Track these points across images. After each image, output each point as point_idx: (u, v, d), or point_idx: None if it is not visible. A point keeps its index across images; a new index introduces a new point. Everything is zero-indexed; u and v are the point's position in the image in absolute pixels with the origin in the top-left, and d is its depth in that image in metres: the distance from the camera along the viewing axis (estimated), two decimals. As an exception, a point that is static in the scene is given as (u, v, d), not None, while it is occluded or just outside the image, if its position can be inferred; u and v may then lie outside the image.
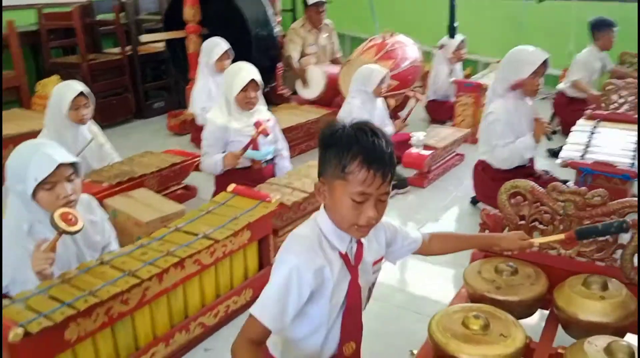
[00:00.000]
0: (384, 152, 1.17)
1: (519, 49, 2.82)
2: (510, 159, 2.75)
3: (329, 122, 1.28)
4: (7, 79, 4.58)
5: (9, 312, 1.51)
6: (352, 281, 1.30)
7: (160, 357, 1.87)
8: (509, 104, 2.76)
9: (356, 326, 1.36)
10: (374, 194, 1.18)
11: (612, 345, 1.32)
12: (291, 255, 1.24)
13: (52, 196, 1.75)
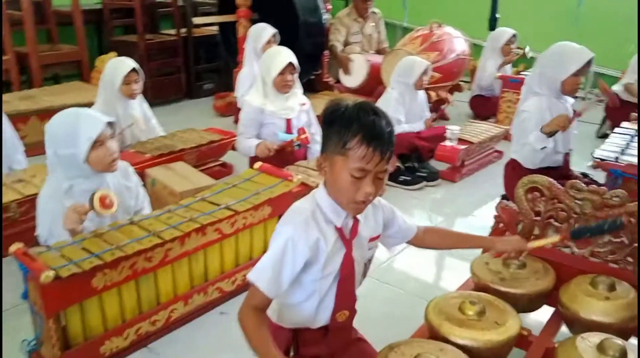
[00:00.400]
0: (383, 130, 1.23)
1: (562, 45, 2.70)
2: (530, 157, 2.66)
3: (332, 100, 1.33)
4: (69, 53, 4.92)
5: (44, 258, 1.68)
6: (346, 254, 1.37)
7: (178, 314, 2.02)
8: (543, 103, 2.66)
9: (349, 296, 1.43)
10: (373, 171, 1.23)
11: (604, 342, 1.34)
12: (288, 226, 1.32)
13: (101, 153, 1.92)
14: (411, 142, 3.53)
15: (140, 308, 1.92)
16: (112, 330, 1.83)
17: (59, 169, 1.95)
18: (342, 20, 4.87)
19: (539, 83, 2.70)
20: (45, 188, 1.99)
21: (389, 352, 1.35)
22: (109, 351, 1.83)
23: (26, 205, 2.48)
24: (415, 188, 3.32)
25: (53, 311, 1.66)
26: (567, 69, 2.60)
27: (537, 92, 2.70)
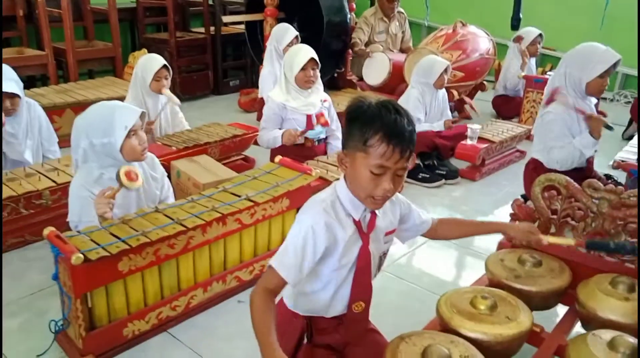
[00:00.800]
0: (404, 129, 1.25)
1: (588, 45, 2.68)
2: (569, 160, 2.64)
3: (356, 97, 1.36)
4: (104, 49, 5.09)
5: (74, 241, 1.78)
6: (362, 246, 1.41)
7: (198, 300, 2.10)
8: (569, 103, 2.67)
9: (365, 287, 1.47)
10: (392, 168, 1.27)
11: (615, 339, 1.35)
12: (308, 215, 1.37)
13: (135, 142, 2.03)
14: (431, 140, 3.55)
15: (161, 294, 2.00)
16: (134, 313, 1.92)
17: (93, 159, 2.05)
18: (367, 19, 4.91)
19: (563, 84, 2.69)
20: (77, 177, 2.09)
21: (400, 342, 1.38)
22: (132, 333, 1.92)
23: (58, 193, 2.60)
24: (434, 186, 3.35)
25: (81, 292, 1.75)
26: (593, 70, 2.58)
27: (562, 93, 2.68)
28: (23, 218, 2.56)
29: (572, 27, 5.52)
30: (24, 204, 2.53)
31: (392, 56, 4.62)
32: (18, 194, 2.49)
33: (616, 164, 2.36)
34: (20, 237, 2.60)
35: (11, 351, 1.92)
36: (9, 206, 2.49)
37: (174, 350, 1.94)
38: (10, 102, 2.72)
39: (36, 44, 5.11)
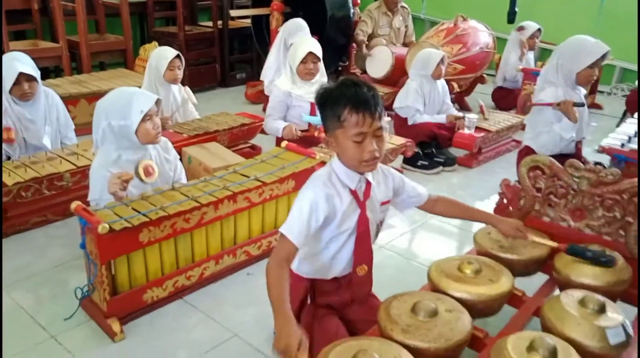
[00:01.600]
0: (366, 96, 1.43)
1: (579, 38, 2.84)
2: (551, 144, 2.82)
3: (320, 86, 1.54)
4: (116, 42, 5.26)
5: (99, 214, 1.95)
6: (361, 214, 1.58)
7: (210, 271, 2.27)
8: (559, 93, 2.82)
9: (366, 251, 1.64)
10: (369, 131, 1.44)
11: (586, 297, 1.50)
12: (310, 189, 1.54)
13: (149, 126, 2.18)
14: (431, 130, 3.72)
15: (177, 264, 2.18)
16: (153, 281, 2.09)
17: (111, 140, 2.20)
18: (370, 12, 5.05)
19: (555, 74, 2.85)
20: (97, 159, 2.25)
21: (393, 299, 1.55)
22: (150, 299, 2.09)
23: (78, 175, 2.78)
24: (432, 173, 3.51)
25: (106, 260, 1.93)
26: (583, 61, 2.75)
27: (553, 83, 2.85)
28: (45, 198, 2.74)
29: (570, 22, 5.65)
30: (46, 186, 2.70)
31: (394, 49, 4.75)
32: (41, 176, 2.66)
33: (601, 149, 2.52)
34: (42, 216, 2.78)
35: (40, 316, 2.09)
36: (32, 187, 2.66)
37: (189, 315, 2.12)
38: (28, 85, 2.84)
39: (50, 36, 5.28)
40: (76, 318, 2.07)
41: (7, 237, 2.65)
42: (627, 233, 1.77)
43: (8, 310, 2.12)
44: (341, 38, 5.10)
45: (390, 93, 4.44)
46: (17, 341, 1.95)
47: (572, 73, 2.80)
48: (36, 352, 1.91)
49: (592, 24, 5.34)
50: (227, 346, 1.96)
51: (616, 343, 1.36)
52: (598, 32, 5.13)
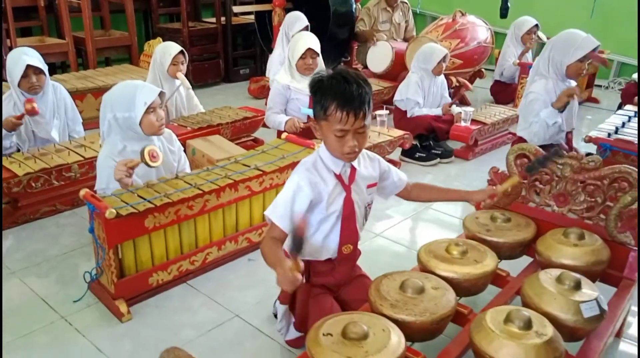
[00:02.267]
0: (354, 96, 1.49)
1: (571, 32, 2.93)
2: (540, 133, 2.90)
3: (316, 72, 1.61)
4: (121, 38, 5.37)
5: (107, 200, 2.05)
6: (346, 197, 1.69)
7: (213, 257, 2.37)
8: (549, 85, 2.91)
9: (352, 232, 1.74)
10: (351, 129, 1.53)
11: (562, 274, 1.60)
12: (297, 174, 1.65)
13: (153, 118, 2.27)
14: (429, 123, 3.81)
15: (181, 249, 2.28)
16: (158, 265, 2.19)
17: (116, 131, 2.30)
18: (369, 10, 5.13)
19: (546, 66, 2.95)
20: (103, 149, 2.35)
21: (383, 278, 1.65)
22: (156, 282, 2.20)
23: (85, 166, 2.88)
24: (429, 164, 3.60)
25: (113, 243, 2.03)
26: (573, 54, 2.84)
27: (544, 75, 2.94)
28: (54, 188, 2.84)
29: (568, 17, 5.71)
30: (55, 176, 2.81)
31: (395, 44, 4.83)
32: (50, 167, 2.77)
33: (587, 138, 2.60)
34: (52, 206, 2.89)
35: (51, 299, 2.20)
36: (42, 178, 2.76)
37: (193, 298, 2.22)
38: (36, 78, 2.93)
39: (56, 33, 5.39)
40: (85, 301, 2.18)
41: (19, 225, 2.76)
42: (608, 217, 1.86)
43: (21, 293, 2.23)
44: (343, 33, 5.18)
45: (390, 87, 4.53)
46: (30, 322, 2.05)
47: (562, 66, 2.89)
48: (47, 331, 2.01)
49: (590, 19, 5.41)
50: (229, 325, 2.06)
51: (589, 316, 1.45)
52: (596, 26, 5.24)
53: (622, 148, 2.44)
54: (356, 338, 1.35)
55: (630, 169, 1.79)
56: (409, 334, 1.47)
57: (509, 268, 1.95)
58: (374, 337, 1.37)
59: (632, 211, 1.81)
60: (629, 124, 2.78)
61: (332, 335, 1.38)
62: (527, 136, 2.99)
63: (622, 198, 1.81)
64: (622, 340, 1.99)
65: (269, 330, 2.01)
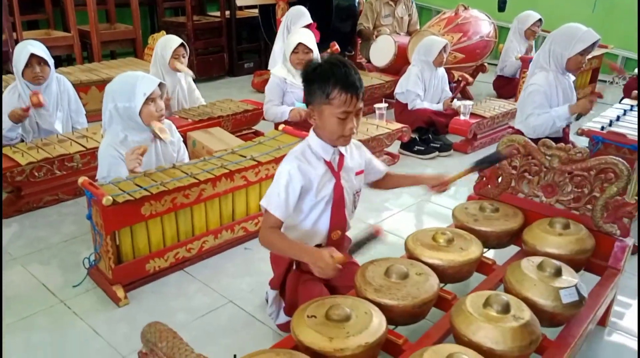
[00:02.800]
0: (354, 78, 1.56)
1: (572, 25, 2.95)
2: (542, 127, 2.92)
3: (309, 61, 1.67)
4: (125, 32, 5.43)
5: (105, 188, 2.11)
6: (336, 183, 1.73)
7: (209, 245, 2.42)
8: (550, 77, 2.94)
9: (341, 218, 1.79)
10: (353, 111, 1.59)
11: (544, 261, 1.63)
12: (286, 163, 1.70)
13: (152, 108, 2.32)
14: (429, 117, 3.84)
15: (178, 237, 2.33)
16: (155, 252, 2.25)
17: (117, 121, 2.35)
18: (372, 4, 5.15)
19: (547, 59, 2.97)
20: (105, 139, 2.41)
21: (369, 264, 1.69)
22: (152, 269, 2.25)
23: (87, 157, 2.94)
24: (428, 157, 3.63)
25: (110, 230, 2.08)
26: (574, 47, 2.87)
27: (545, 68, 2.97)
28: (57, 178, 2.90)
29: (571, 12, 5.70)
30: (57, 166, 2.86)
31: (397, 38, 4.85)
32: (52, 157, 2.82)
33: (581, 131, 2.62)
34: (54, 195, 2.95)
35: (51, 284, 2.26)
36: (44, 168, 2.82)
37: (189, 284, 2.28)
38: (40, 68, 2.99)
39: (62, 26, 5.46)
40: (84, 286, 2.24)
41: (22, 214, 2.83)
42: (594, 208, 1.88)
43: (22, 279, 2.30)
44: (346, 27, 5.21)
45: (392, 81, 4.55)
46: (30, 305, 2.12)
47: (563, 58, 2.91)
48: (47, 314, 2.07)
49: (592, 14, 5.39)
50: (223, 310, 2.11)
51: (568, 302, 1.48)
52: (600, 21, 5.22)
53: (613, 140, 2.46)
54: (338, 320, 1.40)
55: (616, 160, 1.81)
56: (392, 318, 1.52)
57: (499, 258, 1.99)
58: (356, 319, 1.41)
59: (617, 201, 1.83)
60: (624, 117, 2.80)
61: (316, 317, 1.43)
62: (524, 128, 3.00)
63: (608, 189, 1.83)
64: (614, 331, 2.02)
65: (262, 316, 2.06)
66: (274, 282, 1.84)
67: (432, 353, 1.30)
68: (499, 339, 1.33)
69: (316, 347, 1.35)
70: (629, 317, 2.10)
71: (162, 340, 1.02)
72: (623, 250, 1.82)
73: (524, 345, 1.34)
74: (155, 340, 1.03)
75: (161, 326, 1.05)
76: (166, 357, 1.02)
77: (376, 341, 1.37)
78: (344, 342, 1.34)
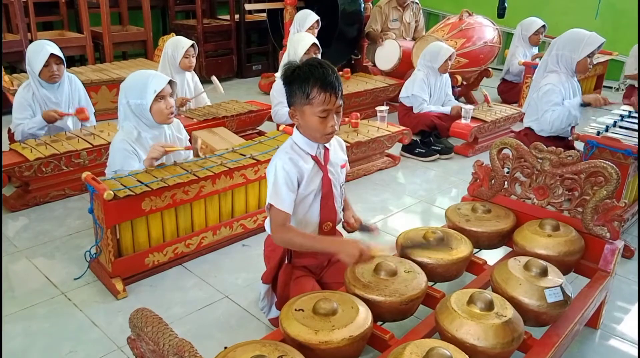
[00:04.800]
0: (332, 78, 1.62)
1: (577, 31, 3.11)
2: (559, 119, 3.06)
3: (286, 64, 1.71)
4: (137, 34, 5.52)
5: (107, 183, 2.16)
6: (324, 176, 1.78)
7: (208, 241, 2.47)
8: (562, 78, 3.09)
9: (331, 210, 1.83)
10: (332, 109, 1.64)
11: (530, 261, 1.65)
12: (277, 159, 1.74)
13: (162, 105, 2.36)
14: (431, 120, 3.87)
15: (177, 233, 2.38)
16: (154, 246, 2.30)
17: (130, 118, 2.40)
18: (381, 8, 5.19)
19: (556, 63, 3.12)
20: (119, 134, 2.44)
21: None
22: (152, 263, 2.30)
23: (94, 153, 3.01)
24: (429, 160, 3.66)
25: (111, 224, 2.14)
26: (583, 50, 3.03)
27: (554, 70, 3.11)
28: (64, 174, 2.97)
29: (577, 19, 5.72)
30: (64, 162, 2.93)
31: (402, 43, 4.89)
32: (60, 153, 2.89)
33: (576, 136, 2.66)
34: (61, 190, 3.02)
35: (53, 276, 2.32)
36: (52, 163, 2.89)
37: (187, 279, 2.32)
38: (57, 67, 3.08)
39: (76, 27, 5.57)
40: (85, 278, 2.30)
41: (29, 208, 2.90)
42: (584, 210, 1.90)
43: (25, 271, 2.36)
44: (352, 31, 5.25)
45: (396, 85, 4.58)
46: (31, 296, 2.17)
47: (573, 62, 3.06)
48: (47, 305, 2.13)
49: (597, 20, 5.40)
50: (218, 305, 2.15)
51: (553, 301, 1.50)
52: (605, 29, 5.23)
53: (608, 145, 2.48)
54: (325, 314, 1.43)
55: (605, 164, 1.83)
56: (379, 313, 1.55)
57: (492, 259, 2.01)
58: (342, 313, 1.45)
59: (607, 204, 1.85)
60: (621, 122, 2.84)
61: (303, 311, 1.47)
62: (537, 126, 3.14)
63: (597, 192, 1.85)
64: (607, 334, 2.04)
65: (256, 311, 2.10)
66: (266, 276, 1.88)
67: (414, 348, 1.33)
68: (481, 335, 1.36)
69: (302, 339, 1.38)
70: (623, 321, 2.12)
71: (148, 325, 1.06)
72: (613, 252, 1.83)
73: (506, 342, 1.36)
74: (142, 325, 1.07)
75: (147, 312, 1.09)
76: (151, 341, 1.06)
77: (360, 335, 1.40)
78: (329, 335, 1.38)
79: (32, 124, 3.06)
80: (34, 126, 3.06)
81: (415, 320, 1.70)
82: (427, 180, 3.42)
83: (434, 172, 3.52)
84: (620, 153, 2.41)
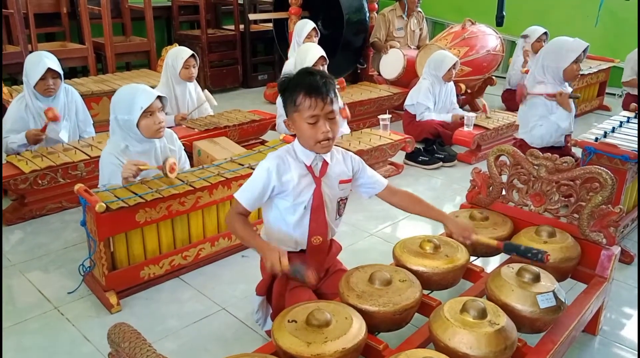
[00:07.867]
0: (318, 82, 1.60)
1: (559, 39, 3.08)
2: (547, 134, 3.00)
3: (283, 75, 1.71)
4: (140, 44, 5.55)
5: (100, 195, 2.13)
6: (316, 189, 1.73)
7: (205, 253, 2.43)
8: (549, 89, 3.00)
9: (321, 224, 1.78)
10: (321, 114, 1.61)
11: (522, 267, 1.61)
12: (265, 161, 1.73)
13: (150, 121, 2.32)
14: (435, 128, 3.83)
15: (174, 245, 2.34)
16: (150, 259, 2.26)
17: (118, 132, 2.39)
18: (385, 16, 5.17)
19: (543, 74, 3.06)
20: (107, 147, 2.43)
21: (354, 270, 1.68)
22: (147, 276, 2.27)
23: (92, 165, 2.97)
24: (432, 168, 3.62)
25: (104, 236, 2.11)
26: (567, 57, 2.97)
27: (542, 82, 3.05)
28: (61, 186, 2.93)
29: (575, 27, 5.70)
30: (61, 174, 2.89)
31: (407, 51, 4.87)
32: (56, 165, 2.85)
33: (574, 142, 2.62)
34: (58, 203, 2.99)
35: (47, 290, 2.29)
36: (48, 176, 2.85)
37: (183, 291, 2.29)
38: (53, 81, 3.04)
39: (78, 38, 5.59)
40: (79, 292, 2.26)
41: (26, 221, 2.87)
42: (580, 216, 1.87)
43: (19, 285, 2.33)
44: (357, 41, 5.24)
45: (400, 93, 4.55)
46: (24, 311, 2.14)
47: (559, 70, 3.00)
48: (40, 320, 2.10)
49: (601, 29, 5.36)
50: (215, 317, 2.11)
51: (546, 307, 1.46)
52: (607, 36, 5.18)
53: (605, 151, 2.45)
54: (318, 325, 1.39)
55: (600, 170, 1.82)
56: (374, 324, 1.51)
57: (491, 266, 1.96)
58: (336, 324, 1.40)
59: (603, 210, 1.82)
60: (619, 129, 2.81)
61: (296, 322, 1.42)
62: (529, 138, 3.04)
63: (593, 198, 1.83)
64: (607, 341, 1.99)
65: (253, 323, 2.05)
66: (260, 288, 1.85)
67: (404, 358, 1.28)
68: (473, 344, 1.32)
69: (293, 352, 1.34)
70: (623, 327, 2.08)
71: (125, 340, 1.03)
72: (609, 258, 1.81)
73: (499, 350, 1.32)
74: (119, 341, 1.04)
75: (125, 327, 1.06)
76: (129, 357, 1.02)
77: (353, 347, 1.35)
78: (321, 347, 1.33)
79: (14, 139, 3.01)
80: (16, 141, 3.01)
81: (413, 329, 1.64)
82: (430, 188, 3.37)
83: (437, 180, 3.48)
84: (618, 159, 2.38)
